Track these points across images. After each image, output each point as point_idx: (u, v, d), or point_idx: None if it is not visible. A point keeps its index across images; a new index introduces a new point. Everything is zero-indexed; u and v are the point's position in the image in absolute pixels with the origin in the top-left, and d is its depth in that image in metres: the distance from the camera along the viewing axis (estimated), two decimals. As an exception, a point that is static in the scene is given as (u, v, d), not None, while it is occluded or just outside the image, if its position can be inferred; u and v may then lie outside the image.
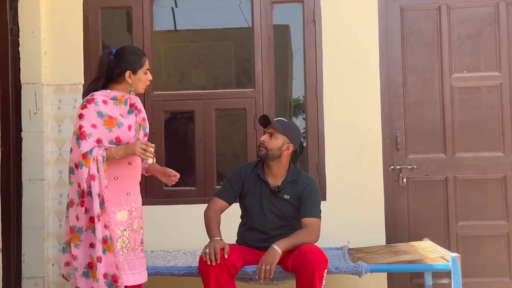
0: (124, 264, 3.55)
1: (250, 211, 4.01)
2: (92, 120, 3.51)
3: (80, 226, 3.51)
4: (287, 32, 6.71)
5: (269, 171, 4.01)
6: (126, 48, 3.72)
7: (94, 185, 3.46)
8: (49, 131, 4.83)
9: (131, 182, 3.68)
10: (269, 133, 3.97)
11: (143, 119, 3.77)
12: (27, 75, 4.80)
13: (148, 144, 3.54)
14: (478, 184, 4.93)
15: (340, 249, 4.57)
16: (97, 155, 3.46)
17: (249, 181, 4.03)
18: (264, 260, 3.68)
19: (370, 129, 4.84)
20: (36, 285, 4.71)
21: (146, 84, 3.72)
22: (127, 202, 3.62)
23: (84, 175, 3.46)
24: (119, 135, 3.56)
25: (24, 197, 4.74)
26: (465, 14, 4.98)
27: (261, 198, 3.98)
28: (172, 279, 4.23)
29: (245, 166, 4.12)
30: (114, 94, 3.62)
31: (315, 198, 3.96)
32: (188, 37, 6.78)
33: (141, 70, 3.65)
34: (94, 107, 3.53)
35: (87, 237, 3.51)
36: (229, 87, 6.51)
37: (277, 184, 3.98)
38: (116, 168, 3.57)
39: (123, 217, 3.58)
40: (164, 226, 4.78)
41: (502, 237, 4.91)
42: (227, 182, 4.08)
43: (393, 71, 4.96)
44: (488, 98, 4.96)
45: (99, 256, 3.44)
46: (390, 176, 4.92)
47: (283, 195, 3.96)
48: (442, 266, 4.04)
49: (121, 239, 3.55)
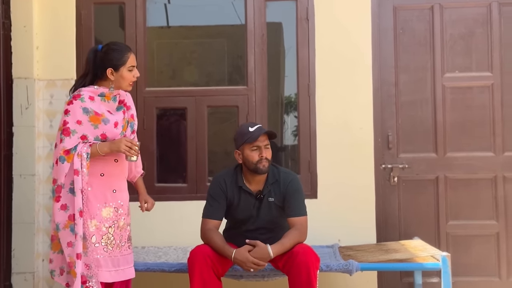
0: (107, 261, 3.55)
1: (237, 220, 3.94)
2: (78, 116, 3.51)
3: (57, 223, 3.50)
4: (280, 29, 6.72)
5: (252, 178, 3.88)
6: (110, 44, 3.70)
7: (77, 180, 3.45)
8: (40, 126, 4.81)
9: (118, 179, 3.68)
10: (265, 146, 3.82)
11: (132, 116, 3.76)
12: (19, 69, 4.78)
13: (133, 142, 3.54)
14: (469, 184, 4.94)
15: (331, 247, 4.58)
16: (82, 151, 3.46)
17: (231, 193, 3.89)
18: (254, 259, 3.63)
19: (362, 128, 4.84)
20: (25, 280, 4.69)
21: (131, 81, 3.66)
22: (113, 199, 3.62)
23: (65, 170, 3.46)
24: (105, 131, 3.56)
25: (14, 192, 4.72)
26: (457, 14, 5.00)
27: (247, 206, 3.89)
28: (162, 275, 4.22)
29: (222, 177, 3.92)
30: (102, 91, 3.61)
31: (299, 195, 3.88)
32: (181, 34, 6.78)
33: (124, 68, 3.61)
34: (80, 103, 3.53)
35: (65, 236, 3.48)
36: (221, 84, 6.51)
37: (259, 189, 3.90)
38: (102, 165, 3.57)
39: (108, 214, 3.58)
40: (155, 223, 4.77)
41: (492, 237, 4.93)
42: (211, 199, 3.89)
43: (385, 71, 4.97)
44: (479, 98, 4.97)
45: (79, 253, 3.42)
46: (381, 175, 4.93)
47: (267, 198, 3.88)
48: (432, 265, 4.05)
49: (106, 235, 3.55)
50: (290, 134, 6.94)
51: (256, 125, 3.87)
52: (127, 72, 3.63)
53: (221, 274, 3.75)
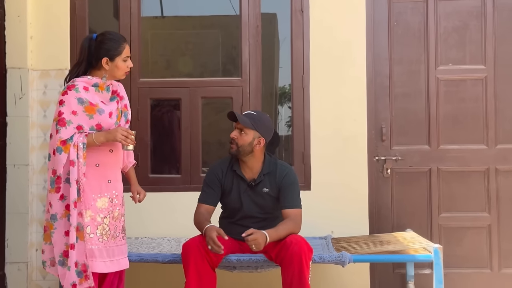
0: (102, 251, 3.56)
1: (230, 207, 4.00)
2: (73, 107, 3.51)
3: (53, 213, 3.51)
4: (274, 20, 6.72)
5: (245, 166, 3.96)
6: (105, 34, 3.70)
7: (73, 171, 3.46)
8: (34, 116, 4.80)
9: (113, 170, 3.69)
10: (238, 129, 3.90)
11: (125, 106, 3.76)
12: (13, 59, 4.76)
13: (128, 130, 3.55)
14: (461, 176, 4.97)
15: (324, 239, 4.60)
16: (78, 141, 3.46)
17: (226, 179, 3.97)
18: (255, 240, 3.64)
19: (355, 120, 4.85)
20: (19, 270, 4.70)
21: (125, 71, 3.69)
22: (108, 190, 3.63)
23: (62, 160, 3.46)
24: (100, 121, 3.56)
25: (8, 182, 4.72)
26: (452, 7, 5.00)
27: (240, 194, 3.95)
28: (156, 266, 4.24)
29: (219, 165, 4.02)
30: (96, 81, 3.61)
31: (295, 187, 3.94)
32: (175, 24, 6.78)
33: (119, 58, 3.63)
34: (74, 94, 3.53)
35: (62, 225, 3.50)
36: (215, 75, 6.51)
37: (253, 177, 3.95)
38: (97, 155, 3.58)
39: (103, 204, 3.59)
40: (149, 213, 4.78)
41: (484, 229, 4.96)
42: (206, 186, 3.99)
43: (379, 63, 4.98)
44: (473, 91, 4.99)
45: (72, 244, 3.44)
46: (374, 167, 4.95)
47: (261, 189, 3.93)
48: (424, 257, 4.07)
49: (101, 226, 3.56)
50: (284, 125, 6.96)
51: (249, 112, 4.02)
52: (122, 62, 3.64)
53: (215, 265, 3.77)
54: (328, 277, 4.76)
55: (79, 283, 3.45)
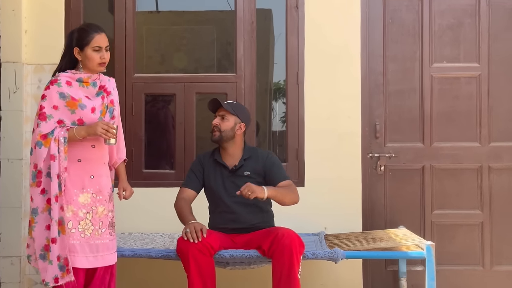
0: (84, 247, 3.54)
1: (215, 195, 4.10)
2: (54, 101, 3.51)
3: (34, 207, 3.50)
4: (270, 16, 6.72)
5: (225, 154, 4.12)
6: (82, 25, 3.76)
7: (54, 165, 3.45)
8: (28, 110, 4.79)
9: (96, 165, 3.66)
10: (220, 116, 4.09)
11: (111, 102, 3.71)
12: (7, 53, 4.75)
13: (109, 124, 3.52)
14: (454, 173, 4.99)
15: (317, 235, 4.61)
16: (59, 136, 3.45)
17: (208, 167, 4.14)
18: (249, 185, 3.77)
19: (349, 116, 4.86)
20: (12, 264, 4.70)
21: (98, 63, 3.60)
22: (91, 185, 3.61)
23: (43, 154, 3.45)
24: (81, 117, 3.55)
25: (2, 176, 4.72)
26: (446, 4, 5.01)
27: (223, 180, 4.08)
28: (149, 261, 4.25)
29: (202, 155, 4.23)
30: (80, 76, 3.60)
31: (280, 164, 4.14)
32: (170, 19, 6.76)
33: (88, 47, 3.58)
34: (56, 88, 3.52)
35: (43, 219, 3.49)
36: (210, 71, 6.50)
37: (234, 164, 4.09)
38: (79, 150, 3.56)
39: (86, 200, 3.57)
40: (142, 209, 4.78)
41: (476, 226, 4.98)
42: (190, 172, 4.19)
43: (374, 60, 4.99)
44: (466, 88, 5.01)
45: (54, 237, 3.43)
46: (368, 164, 4.96)
47: (243, 172, 4.06)
48: (416, 254, 4.09)
49: (83, 221, 3.55)
50: (278, 121, 6.96)
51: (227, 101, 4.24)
52: (92, 52, 3.58)
53: (212, 254, 3.81)
54: (321, 274, 4.77)
55: (61, 277, 3.44)
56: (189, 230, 3.76)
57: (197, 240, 3.71)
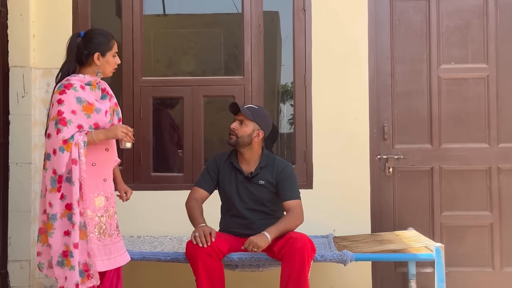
0: (101, 250, 3.54)
1: (228, 199, 4.07)
2: (72, 106, 3.48)
3: (53, 213, 3.46)
4: (277, 19, 6.73)
5: (242, 159, 4.06)
6: (94, 30, 3.73)
7: (75, 169, 3.43)
8: (36, 114, 4.81)
9: (108, 168, 3.68)
10: (239, 120, 4.02)
11: (115, 104, 3.74)
12: (15, 58, 4.77)
13: (128, 128, 3.56)
14: (463, 175, 4.97)
15: (326, 237, 4.61)
16: (79, 140, 3.45)
17: (224, 170, 4.09)
18: (252, 241, 3.73)
19: (357, 118, 4.86)
20: (21, 268, 4.71)
21: (114, 67, 3.68)
22: (104, 188, 3.61)
23: (65, 160, 3.43)
24: (97, 120, 3.55)
25: (11, 180, 4.73)
26: (454, 5, 5.00)
27: (237, 185, 4.04)
28: (158, 264, 4.24)
29: (219, 155, 4.17)
30: (89, 79, 3.60)
31: (293, 179, 4.03)
32: (177, 23, 6.78)
33: (110, 53, 3.62)
34: (73, 93, 3.49)
35: (62, 225, 3.45)
36: (218, 74, 6.51)
37: (250, 170, 4.04)
38: (93, 154, 3.55)
39: (100, 203, 3.57)
40: (151, 212, 4.79)
41: (486, 228, 4.96)
42: (204, 172, 4.15)
43: (381, 61, 4.98)
44: (475, 90, 4.99)
45: (76, 243, 3.41)
46: (376, 166, 4.95)
47: (258, 181, 4.01)
48: (426, 256, 4.08)
49: (98, 225, 3.55)
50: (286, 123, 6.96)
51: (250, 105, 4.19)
52: (112, 58, 3.63)
53: (220, 258, 3.80)
54: (330, 276, 4.76)
55: (81, 283, 3.44)
56: (198, 234, 3.75)
57: (206, 245, 3.71)
